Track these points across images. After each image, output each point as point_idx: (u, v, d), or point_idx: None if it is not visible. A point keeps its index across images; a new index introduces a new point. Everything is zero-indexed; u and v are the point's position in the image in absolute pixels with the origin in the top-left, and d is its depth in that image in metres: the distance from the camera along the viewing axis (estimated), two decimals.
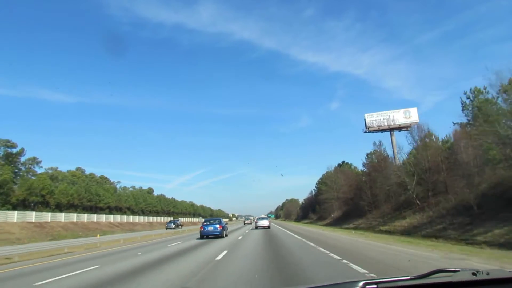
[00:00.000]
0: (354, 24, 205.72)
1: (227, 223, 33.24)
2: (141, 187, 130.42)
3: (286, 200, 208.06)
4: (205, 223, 24.97)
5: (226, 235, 25.04)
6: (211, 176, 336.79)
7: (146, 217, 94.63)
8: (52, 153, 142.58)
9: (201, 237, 24.10)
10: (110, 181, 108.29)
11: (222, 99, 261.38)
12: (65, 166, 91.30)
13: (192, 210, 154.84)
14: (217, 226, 24.08)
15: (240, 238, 22.50)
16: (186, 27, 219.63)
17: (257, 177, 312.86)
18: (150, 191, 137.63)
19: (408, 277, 1.92)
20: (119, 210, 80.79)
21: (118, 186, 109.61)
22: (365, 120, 63.72)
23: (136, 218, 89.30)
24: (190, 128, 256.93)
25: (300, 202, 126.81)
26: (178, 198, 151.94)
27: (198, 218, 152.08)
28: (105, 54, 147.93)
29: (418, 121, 61.47)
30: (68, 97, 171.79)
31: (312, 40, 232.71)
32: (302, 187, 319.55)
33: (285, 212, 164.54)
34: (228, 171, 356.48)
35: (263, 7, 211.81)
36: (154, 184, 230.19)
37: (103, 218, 71.25)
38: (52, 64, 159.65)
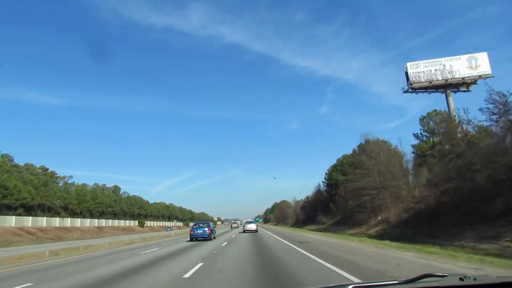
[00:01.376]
0: (344, 29, 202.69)
1: (215, 227, 35.08)
2: (104, 185, 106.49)
3: (275, 202, 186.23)
4: (194, 227, 26.30)
5: (214, 238, 25.98)
6: (198, 180, 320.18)
7: (96, 220, 71.19)
8: (42, 157, 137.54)
9: (191, 239, 24.56)
10: (56, 174, 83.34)
11: (212, 102, 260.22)
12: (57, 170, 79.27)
13: (167, 213, 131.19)
14: (206, 229, 25.11)
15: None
16: (176, 30, 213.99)
17: (245, 180, 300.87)
18: (115, 189, 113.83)
19: (396, 281, 1.92)
20: (48, 210, 57.59)
21: (72, 182, 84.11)
22: (406, 72, 42.62)
23: (78, 222, 66.30)
24: (179, 131, 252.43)
25: (300, 202, 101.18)
26: (166, 201, 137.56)
27: (174, 222, 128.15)
28: (94, 57, 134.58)
29: (490, 72, 40.62)
30: (56, 100, 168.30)
31: (302, 45, 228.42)
32: (291, 191, 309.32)
33: (277, 215, 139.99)
34: (215, 174, 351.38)
35: (253, 11, 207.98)
36: (141, 187, 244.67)
37: (11, 221, 48.59)
38: (41, 66, 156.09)
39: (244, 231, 36.44)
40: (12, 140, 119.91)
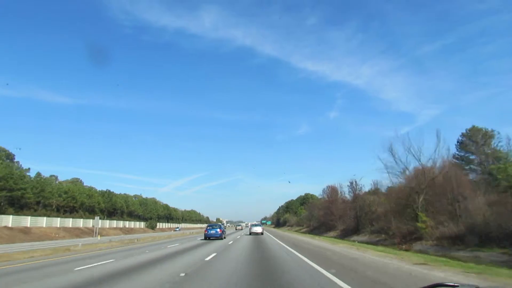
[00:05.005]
0: (355, 34, 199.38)
1: (225, 228, 43.03)
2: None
3: (291, 199, 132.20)
4: (208, 227, 32.04)
5: (224, 237, 30.90)
6: (205, 181, 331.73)
7: None
8: (49, 155, 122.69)
9: (205, 238, 30.23)
10: None
11: (222, 104, 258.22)
12: (58, 169, 40.00)
13: (108, 206, 75.86)
14: (218, 230, 30.71)
15: None
16: (188, 32, 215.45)
17: (250, 183, 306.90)
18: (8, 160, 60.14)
19: None
20: None
21: None
22: None
23: None
24: (187, 132, 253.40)
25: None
26: (172, 203, 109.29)
27: (96, 218, 72.56)
28: (105, 57, 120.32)
29: None
30: (67, 99, 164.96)
31: (313, 49, 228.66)
32: (298, 195, 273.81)
33: (308, 216, 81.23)
34: (222, 176, 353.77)
35: (265, 14, 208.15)
36: (150, 187, 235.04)
37: None
38: (53, 66, 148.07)
39: (250, 234, 39.32)
40: (19, 137, 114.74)
